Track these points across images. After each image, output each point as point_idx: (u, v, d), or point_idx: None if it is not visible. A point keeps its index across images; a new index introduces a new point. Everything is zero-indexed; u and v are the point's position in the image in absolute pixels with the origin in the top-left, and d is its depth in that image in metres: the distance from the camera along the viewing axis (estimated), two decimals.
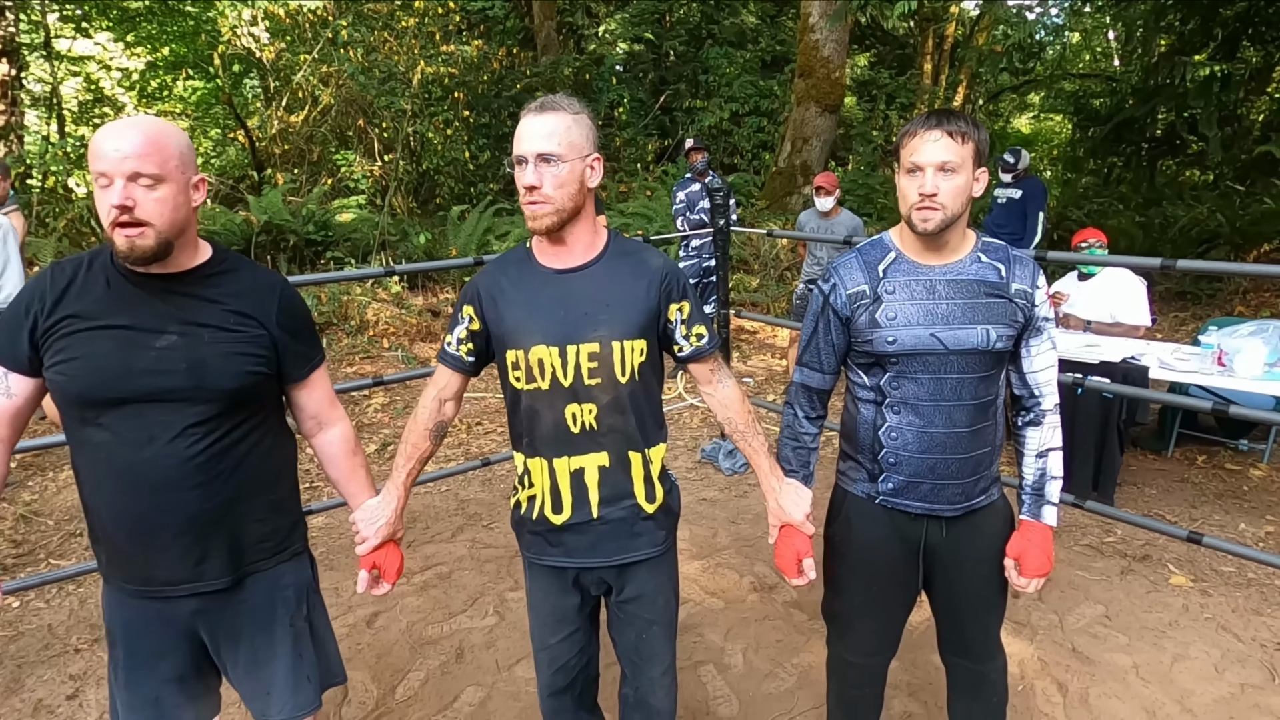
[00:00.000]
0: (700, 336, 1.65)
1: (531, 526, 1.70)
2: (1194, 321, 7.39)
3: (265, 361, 1.50)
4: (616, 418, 1.59)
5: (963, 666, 1.87)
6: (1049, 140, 16.75)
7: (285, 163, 10.06)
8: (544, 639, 1.77)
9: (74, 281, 1.41)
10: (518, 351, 1.58)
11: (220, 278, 1.48)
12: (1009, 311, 1.62)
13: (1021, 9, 13.40)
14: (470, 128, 10.94)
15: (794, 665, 2.69)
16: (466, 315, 1.66)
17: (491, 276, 1.65)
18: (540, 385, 1.58)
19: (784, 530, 1.74)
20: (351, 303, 6.98)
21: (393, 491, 1.70)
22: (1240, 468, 4.29)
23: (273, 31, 10.23)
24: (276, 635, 1.58)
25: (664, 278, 1.60)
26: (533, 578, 1.77)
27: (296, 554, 1.65)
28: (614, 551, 1.66)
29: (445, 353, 1.70)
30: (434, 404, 1.71)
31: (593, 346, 1.55)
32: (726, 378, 1.73)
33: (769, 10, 14.88)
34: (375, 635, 2.90)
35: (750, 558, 3.42)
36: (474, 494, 4.19)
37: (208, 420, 1.43)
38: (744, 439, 1.72)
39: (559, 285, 1.58)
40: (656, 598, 1.73)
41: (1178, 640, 2.77)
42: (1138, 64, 12.30)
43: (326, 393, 1.66)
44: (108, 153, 1.31)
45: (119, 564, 1.48)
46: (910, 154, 1.55)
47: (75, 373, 1.38)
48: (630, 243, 1.67)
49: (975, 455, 1.68)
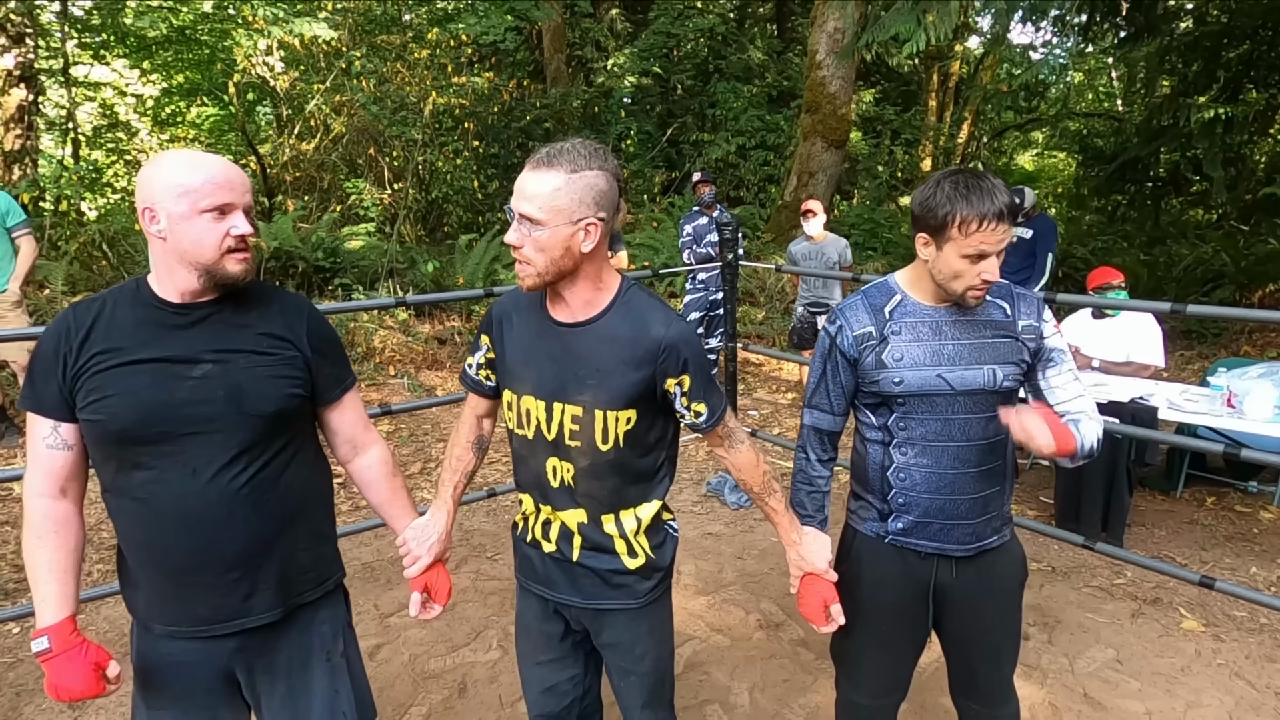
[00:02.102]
0: (699, 414, 1.55)
1: (524, 549, 1.71)
2: (1200, 361, 7.38)
3: (302, 383, 1.49)
4: (593, 483, 1.55)
5: (974, 710, 1.84)
6: (1052, 177, 16.87)
7: (296, 190, 10.16)
8: (530, 656, 1.77)
9: (100, 318, 1.39)
10: (511, 395, 1.59)
11: (248, 303, 1.48)
12: (1015, 350, 1.63)
13: (1026, 49, 13.58)
14: (479, 158, 11.07)
15: (801, 706, 2.65)
16: (484, 344, 1.67)
17: (504, 312, 1.63)
18: (526, 434, 1.58)
19: (806, 579, 1.72)
20: (358, 329, 7.00)
21: (441, 508, 1.68)
22: (1250, 510, 4.25)
23: (287, 61, 10.39)
24: (314, 671, 1.55)
25: (662, 352, 1.48)
26: (523, 598, 1.77)
27: (336, 585, 1.63)
28: (591, 596, 1.62)
29: (466, 374, 1.72)
30: (471, 419, 1.73)
31: (576, 410, 1.50)
32: (738, 442, 1.65)
33: (775, 46, 15.10)
34: (377, 668, 2.86)
35: (756, 594, 3.39)
36: (479, 524, 4.17)
37: (250, 448, 1.42)
38: (761, 500, 1.68)
39: (557, 339, 1.53)
40: (633, 648, 1.66)
41: (1190, 687, 2.73)
42: (1141, 104, 12.42)
43: (360, 415, 1.65)
44: (231, 184, 1.36)
45: (162, 606, 1.44)
46: (974, 245, 1.51)
47: (114, 410, 1.35)
48: (640, 301, 1.54)
49: (985, 495, 1.67)
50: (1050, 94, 16.03)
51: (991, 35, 10.90)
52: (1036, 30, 12.58)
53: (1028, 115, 15.62)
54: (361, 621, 3.16)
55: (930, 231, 1.57)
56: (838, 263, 5.99)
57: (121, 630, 3.12)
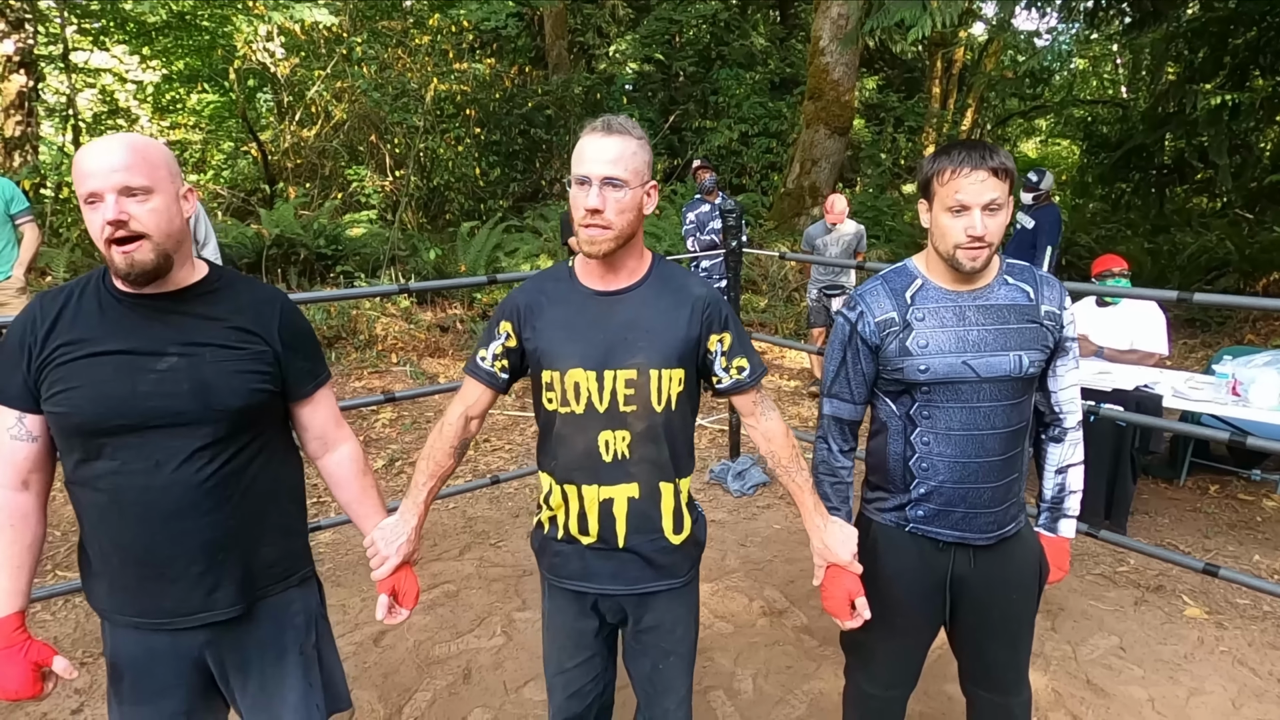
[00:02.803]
0: (741, 369, 1.61)
1: (556, 547, 1.67)
2: (1204, 349, 7.37)
3: (270, 378, 1.46)
4: (649, 447, 1.57)
5: (987, 700, 1.83)
6: (1056, 165, 16.79)
7: (297, 177, 10.13)
8: (560, 663, 1.73)
9: (65, 308, 1.36)
10: (553, 373, 1.56)
11: (217, 294, 1.44)
12: (1040, 335, 1.61)
13: (1031, 35, 13.50)
14: (481, 144, 11.03)
15: (804, 692, 2.66)
16: (503, 331, 1.62)
17: (531, 294, 1.62)
18: (575, 409, 1.55)
19: (831, 570, 1.66)
20: (360, 317, 7.00)
21: (411, 510, 1.63)
22: (1253, 498, 4.25)
23: (288, 47, 10.34)
24: (287, 664, 1.54)
25: (706, 307, 1.57)
26: (551, 599, 1.73)
27: (305, 578, 1.61)
28: (636, 580, 1.63)
29: (478, 367, 1.65)
30: (460, 421, 1.66)
31: (630, 373, 1.53)
32: (770, 409, 1.68)
33: (778, 33, 15.01)
34: (382, 654, 2.87)
35: (760, 581, 3.39)
36: (482, 512, 4.18)
37: (215, 442, 1.39)
38: (787, 473, 1.67)
39: (600, 307, 1.56)
40: (675, 628, 1.69)
41: (1194, 674, 2.74)
42: (1146, 91, 12.35)
43: (332, 411, 1.61)
44: (95, 170, 1.27)
45: (124, 599, 1.42)
46: (955, 192, 1.51)
47: (77, 402, 1.32)
48: (673, 268, 1.65)
49: (1006, 482, 1.66)
50: (1055, 81, 15.94)
51: (996, 21, 10.84)
52: (1042, 16, 12.51)
53: (1032, 102, 15.53)
54: (366, 608, 3.17)
55: (924, 194, 1.59)
56: (854, 244, 6.02)
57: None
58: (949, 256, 1.56)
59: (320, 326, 6.81)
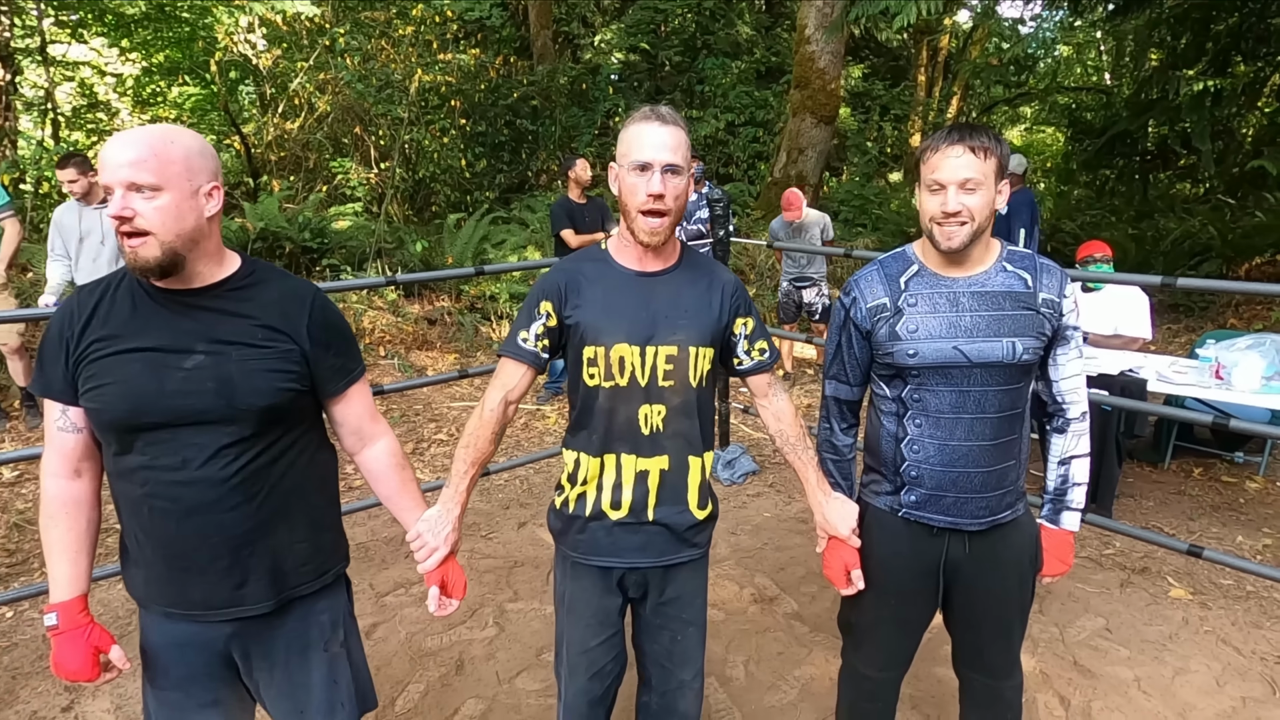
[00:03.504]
0: (763, 351, 1.74)
1: (582, 525, 1.69)
2: (1187, 333, 7.43)
3: (297, 377, 1.45)
4: (683, 421, 1.65)
5: (979, 682, 1.85)
6: (1041, 152, 16.86)
7: (281, 170, 10.04)
8: (584, 642, 1.75)
9: (101, 303, 1.38)
10: (597, 348, 1.60)
11: (248, 290, 1.44)
12: (1036, 323, 1.61)
13: (1015, 23, 13.53)
14: (466, 136, 10.95)
15: (796, 678, 2.68)
16: (544, 311, 1.64)
17: (570, 274, 1.66)
18: (619, 383, 1.61)
19: (832, 542, 1.78)
20: (347, 310, 6.96)
21: (454, 499, 1.64)
22: (1236, 480, 4.31)
23: (270, 39, 10.23)
24: (312, 661, 1.55)
25: (734, 292, 1.70)
26: (575, 578, 1.75)
27: (336, 577, 1.61)
28: (662, 552, 1.70)
29: (520, 349, 1.65)
30: (500, 407, 1.66)
31: (670, 349, 1.60)
32: (781, 391, 1.79)
33: (764, 22, 14.97)
34: (374, 646, 2.87)
35: (750, 569, 3.41)
36: (472, 504, 4.17)
37: (241, 440, 1.39)
38: (794, 451, 1.76)
39: (641, 287, 1.63)
40: (695, 599, 1.77)
41: (1178, 653, 2.78)
42: (1129, 78, 12.41)
43: (367, 406, 1.60)
44: (106, 163, 1.29)
45: (158, 587, 1.45)
46: (932, 170, 1.54)
47: (109, 398, 1.34)
48: (699, 254, 1.75)
49: (1000, 469, 1.66)
50: (1039, 68, 15.97)
51: (981, 9, 10.85)
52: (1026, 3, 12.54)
53: (1017, 90, 15.55)
54: (358, 601, 3.15)
55: (917, 179, 1.62)
56: (820, 236, 6.04)
57: (116, 614, 3.12)
58: (929, 234, 1.59)
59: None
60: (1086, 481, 1.76)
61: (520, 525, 3.89)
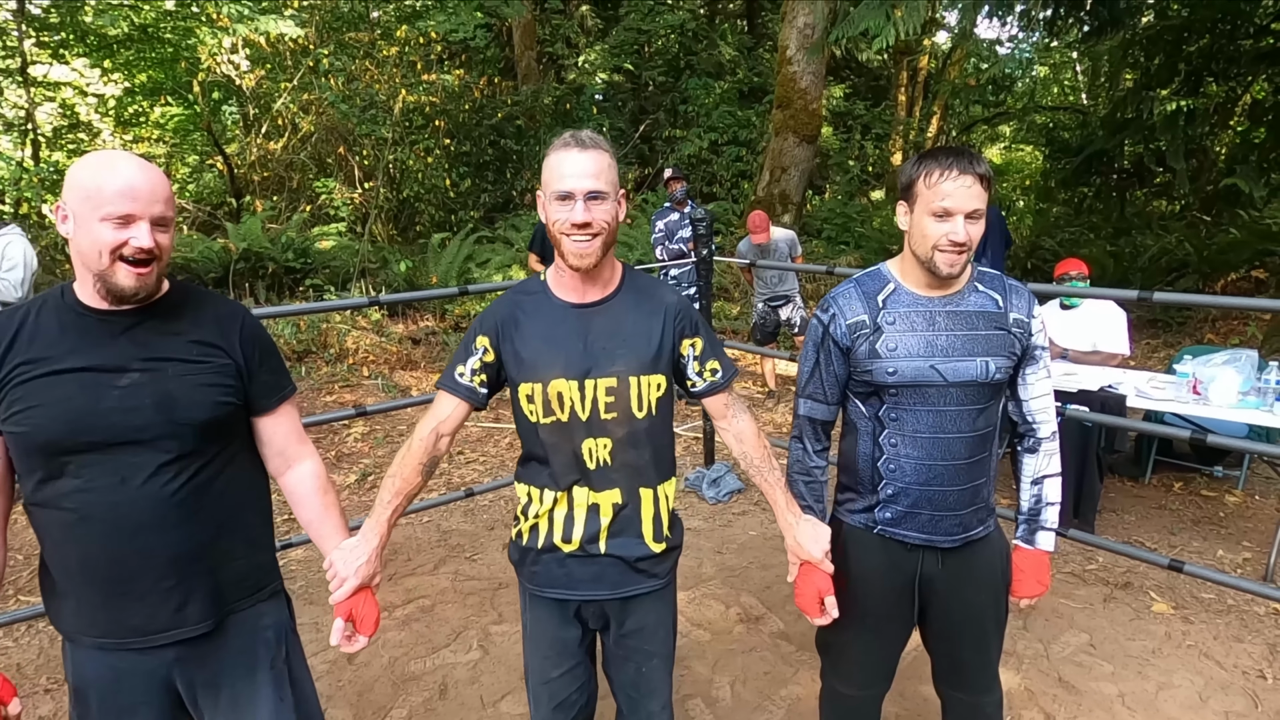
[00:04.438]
0: (715, 371, 1.68)
1: (535, 556, 1.68)
2: (1166, 349, 7.52)
3: (234, 391, 1.46)
4: (631, 453, 1.60)
5: (958, 699, 1.86)
6: (1020, 170, 17.09)
7: (264, 190, 10.02)
8: (544, 673, 1.73)
9: (23, 327, 1.35)
10: (534, 385, 1.58)
11: (179, 308, 1.44)
12: (1007, 342, 1.63)
13: (993, 44, 13.74)
14: (451, 156, 10.98)
15: (782, 697, 2.67)
16: (480, 347, 1.63)
17: (507, 308, 1.64)
18: (559, 418, 1.58)
19: (804, 568, 1.71)
20: (331, 330, 6.93)
21: (374, 529, 1.59)
22: (1216, 494, 4.35)
23: (253, 59, 10.23)
24: (258, 679, 1.53)
25: (677, 314, 1.63)
26: (532, 610, 1.74)
27: (275, 592, 1.60)
28: (617, 585, 1.66)
29: (456, 383, 1.64)
30: (430, 437, 1.64)
31: (610, 381, 1.56)
32: (741, 411, 1.73)
33: (746, 42, 15.12)
34: (356, 672, 2.84)
35: (736, 588, 3.40)
36: (456, 525, 4.14)
37: (181, 457, 1.38)
38: (759, 473, 1.71)
39: (578, 319, 1.60)
40: (657, 630, 1.73)
41: (1161, 668, 2.79)
42: (1105, 98, 12.61)
43: (295, 427, 1.59)
44: (137, 194, 1.30)
45: (90, 618, 1.40)
46: (940, 198, 1.52)
47: (39, 421, 1.31)
48: (643, 277, 1.69)
49: (973, 486, 1.68)
50: (1017, 88, 16.23)
51: (959, 30, 11.00)
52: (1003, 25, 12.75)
53: (995, 109, 15.78)
54: None
55: (905, 195, 1.60)
56: (789, 254, 6.07)
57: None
58: (926, 259, 1.58)
59: (290, 341, 6.73)
60: (1059, 501, 1.77)
61: (505, 546, 3.87)
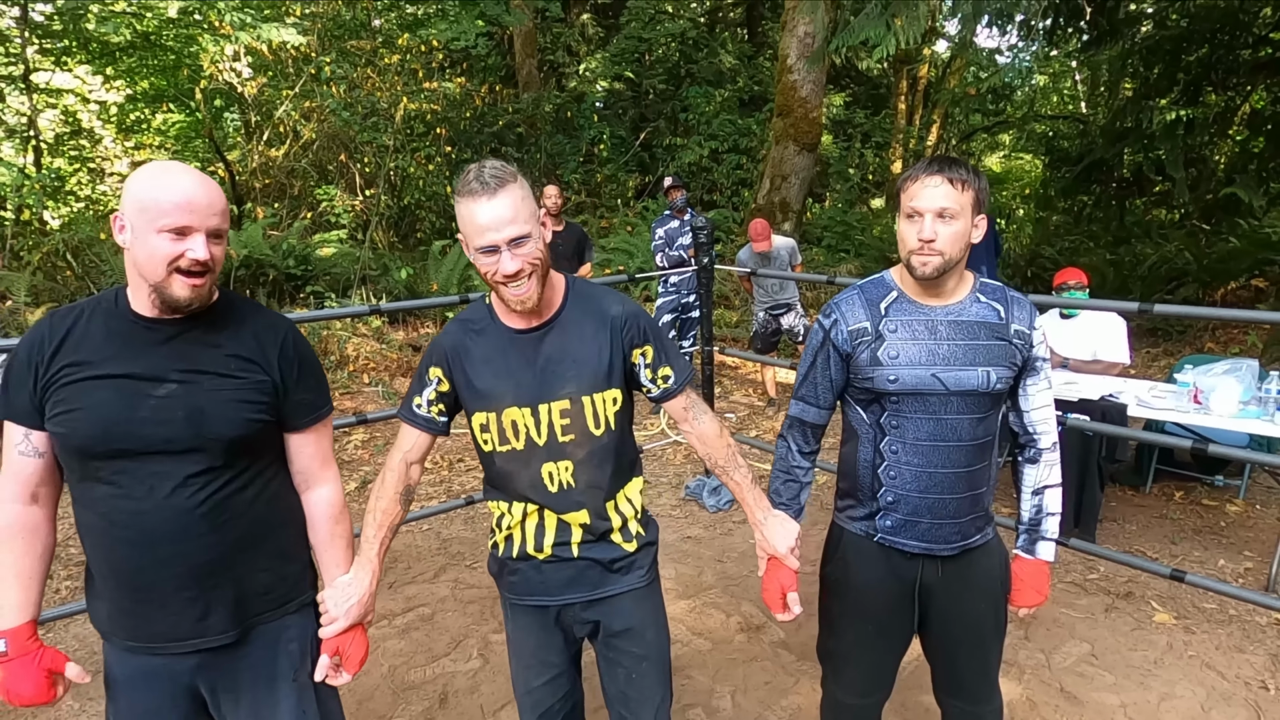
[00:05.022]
0: (667, 378, 1.65)
1: (512, 565, 1.69)
2: (1166, 358, 7.52)
3: (267, 408, 1.46)
4: (594, 473, 1.60)
5: (958, 708, 1.85)
6: (1020, 179, 17.11)
7: (265, 197, 10.03)
8: (527, 682, 1.74)
9: (75, 328, 1.38)
10: (488, 414, 1.57)
11: (222, 321, 1.45)
12: (1009, 353, 1.64)
13: (992, 53, 13.78)
14: (452, 163, 11.00)
15: (783, 707, 2.66)
16: (434, 377, 1.62)
17: (455, 338, 1.62)
18: (515, 446, 1.58)
19: (770, 563, 1.71)
20: (331, 338, 6.92)
21: (365, 568, 1.59)
22: (1217, 503, 4.34)
23: (255, 67, 10.25)
24: (279, 691, 1.52)
25: (624, 325, 1.60)
26: (513, 619, 1.75)
27: (304, 605, 1.59)
28: (595, 586, 1.66)
29: (415, 414, 1.64)
30: (401, 468, 1.65)
31: (563, 404, 1.55)
32: (702, 413, 1.71)
33: (746, 51, 15.18)
34: (356, 680, 2.81)
35: (737, 597, 3.39)
36: (456, 533, 4.14)
37: (209, 470, 1.40)
38: (725, 473, 1.70)
39: (525, 345, 1.57)
40: (645, 631, 1.71)
41: (1164, 679, 2.78)
42: (1104, 107, 12.64)
43: (320, 449, 1.59)
44: (195, 207, 1.32)
45: (120, 620, 1.43)
46: (910, 199, 1.57)
47: (76, 424, 1.34)
48: (588, 289, 1.65)
49: (972, 495, 1.69)
50: (1016, 97, 16.26)
51: (958, 39, 11.05)
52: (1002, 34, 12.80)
53: (995, 118, 15.80)
54: None
55: (896, 208, 1.64)
56: (789, 262, 6.08)
57: (92, 649, 3.06)
58: (907, 264, 1.61)
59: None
60: (1060, 511, 1.77)
61: (487, 560, 3.85)
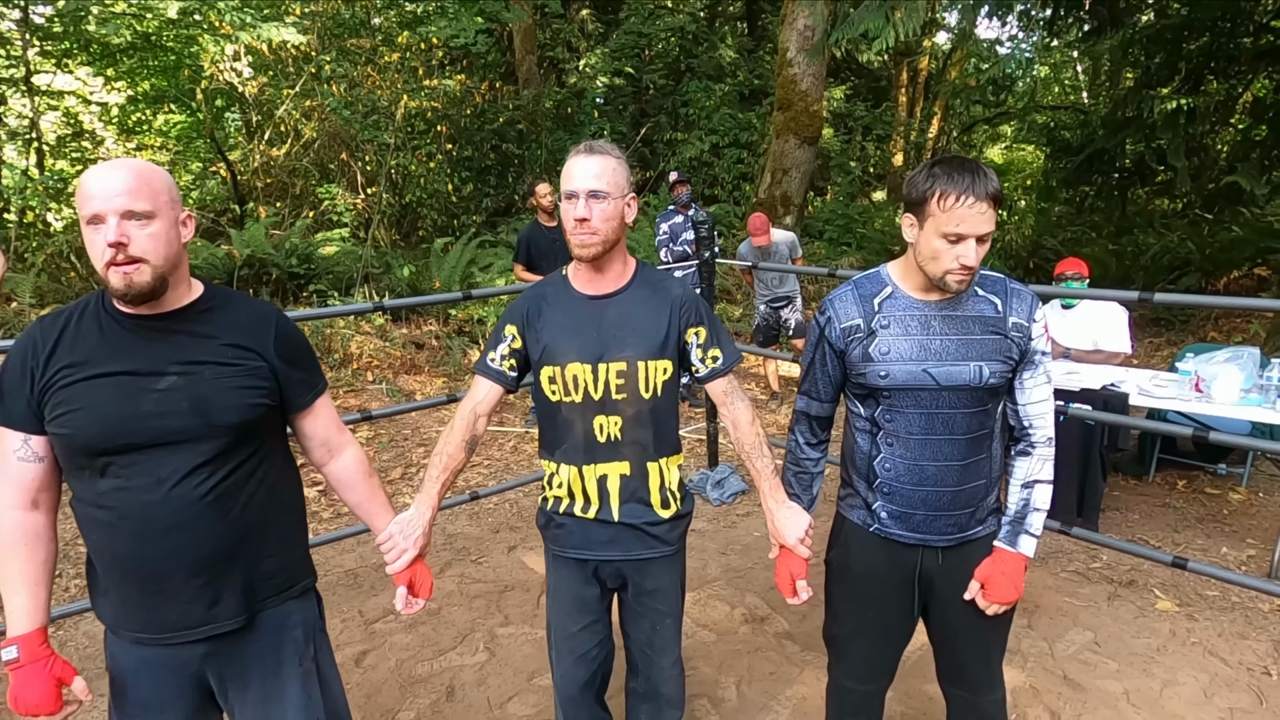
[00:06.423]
0: (715, 358, 1.81)
1: (559, 520, 1.87)
2: (1168, 347, 7.52)
3: (267, 393, 1.50)
4: (639, 430, 1.78)
5: (960, 698, 1.87)
6: (1021, 170, 17.06)
7: (267, 196, 10.05)
8: (565, 627, 1.90)
9: (65, 331, 1.40)
10: (555, 367, 1.75)
11: (213, 313, 1.48)
12: (1004, 347, 1.63)
13: (993, 44, 13.75)
14: (453, 160, 11.01)
15: (788, 698, 2.68)
16: (509, 334, 1.81)
17: (533, 300, 1.82)
18: (574, 398, 1.76)
19: (782, 551, 1.81)
20: (335, 336, 6.94)
21: (425, 503, 1.73)
22: (1220, 491, 4.35)
23: (255, 66, 10.26)
24: (285, 675, 1.56)
25: (682, 305, 1.79)
26: (555, 569, 1.92)
27: (306, 590, 1.64)
28: (630, 548, 1.84)
29: (488, 367, 1.82)
30: (470, 417, 1.81)
31: (620, 365, 1.74)
32: (739, 400, 1.85)
33: (746, 45, 15.16)
34: (364, 674, 2.85)
35: (741, 589, 3.41)
36: (462, 528, 4.16)
37: (215, 458, 1.43)
38: (749, 458, 1.82)
39: (593, 309, 1.77)
40: (670, 593, 1.90)
41: (1166, 666, 2.79)
42: (1105, 97, 12.61)
43: (332, 418, 1.67)
44: (98, 192, 1.32)
45: (129, 613, 1.45)
46: (954, 223, 1.50)
47: (80, 423, 1.36)
48: (655, 272, 1.85)
49: (969, 488, 1.69)
50: (1017, 88, 16.21)
51: (959, 31, 11.03)
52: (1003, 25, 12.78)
53: (996, 109, 15.77)
54: (347, 628, 3.15)
55: (914, 209, 1.57)
56: (789, 256, 6.09)
57: (100, 644, 3.09)
58: (938, 279, 1.57)
59: None
60: (1047, 508, 1.74)
61: (510, 549, 3.88)
